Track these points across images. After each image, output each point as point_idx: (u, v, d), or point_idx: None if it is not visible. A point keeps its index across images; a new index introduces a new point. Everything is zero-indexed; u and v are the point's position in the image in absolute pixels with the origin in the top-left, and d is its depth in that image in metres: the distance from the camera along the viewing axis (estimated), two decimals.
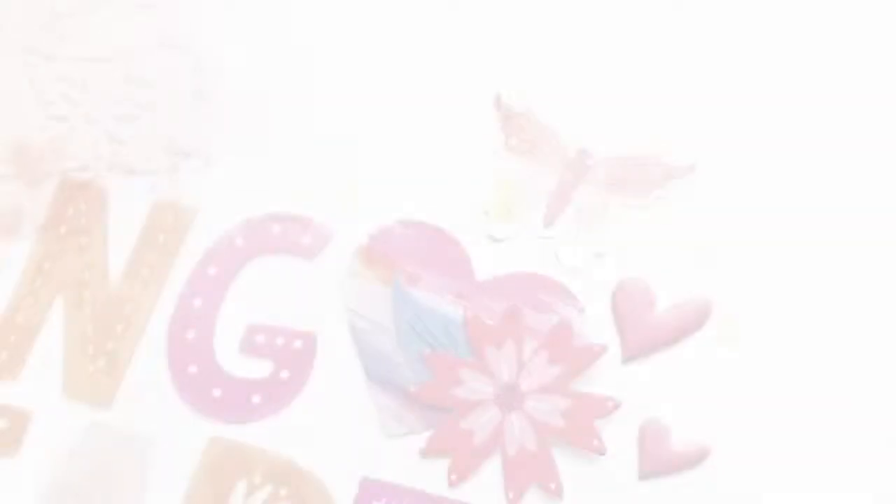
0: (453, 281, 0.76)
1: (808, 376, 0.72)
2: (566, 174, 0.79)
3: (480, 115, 0.81)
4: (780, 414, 0.73)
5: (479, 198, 0.79)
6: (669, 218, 0.77)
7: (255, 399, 0.74)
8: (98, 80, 0.87)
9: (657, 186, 0.78)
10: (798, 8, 0.84)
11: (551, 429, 0.73)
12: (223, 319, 0.77)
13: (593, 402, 0.71)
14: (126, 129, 0.85)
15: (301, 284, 0.78)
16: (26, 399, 0.78)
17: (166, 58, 0.86)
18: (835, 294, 0.75)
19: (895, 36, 0.82)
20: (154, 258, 0.81)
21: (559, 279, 0.77)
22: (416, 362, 0.73)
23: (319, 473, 0.74)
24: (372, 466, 0.74)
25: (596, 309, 0.75)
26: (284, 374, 0.75)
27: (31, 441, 0.77)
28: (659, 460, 0.73)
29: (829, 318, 0.74)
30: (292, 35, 0.88)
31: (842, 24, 0.84)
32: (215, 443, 0.75)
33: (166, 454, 0.75)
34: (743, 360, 0.74)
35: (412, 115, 0.81)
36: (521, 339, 0.72)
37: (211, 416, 0.76)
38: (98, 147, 0.83)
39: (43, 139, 0.85)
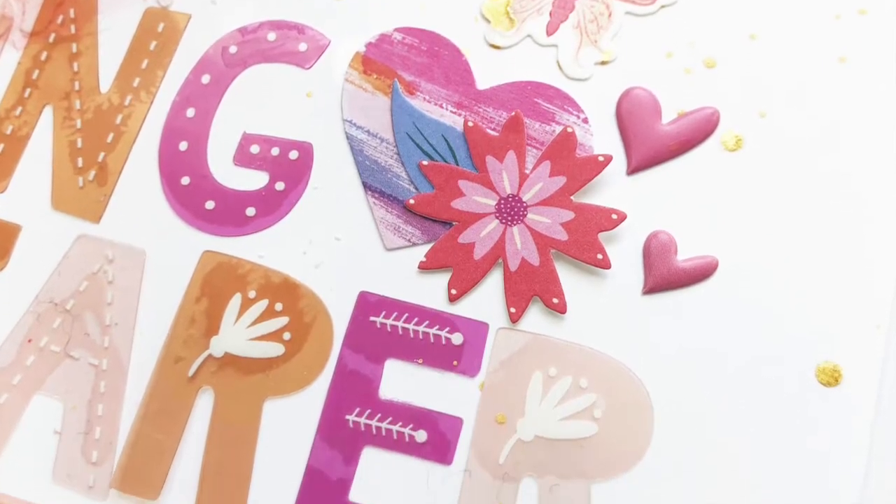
0: (453, 90, 0.61)
1: (815, 186, 0.58)
2: None
3: None
4: (785, 227, 0.57)
5: (480, 4, 0.63)
6: (675, 26, 0.62)
7: (250, 211, 0.59)
8: None
9: None
10: None
11: (554, 242, 0.57)
12: (217, 129, 0.61)
13: (597, 214, 0.57)
14: None
15: (297, 93, 0.62)
16: (14, 212, 0.61)
17: None
18: (842, 105, 0.59)
19: None
20: (145, 66, 0.63)
21: (562, 88, 0.61)
22: (415, 174, 0.59)
23: (316, 287, 0.58)
24: (370, 280, 0.58)
25: (600, 119, 0.61)
26: (280, 186, 0.60)
27: (19, 254, 0.60)
28: (664, 275, 0.57)
29: (835, 128, 0.59)
30: None
31: None
32: (209, 256, 0.59)
33: (158, 268, 0.59)
34: (750, 172, 0.59)
35: None
36: (522, 150, 0.58)
37: (204, 229, 0.60)
38: None
39: None
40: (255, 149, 0.60)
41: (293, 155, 0.60)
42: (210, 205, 0.59)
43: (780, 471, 0.52)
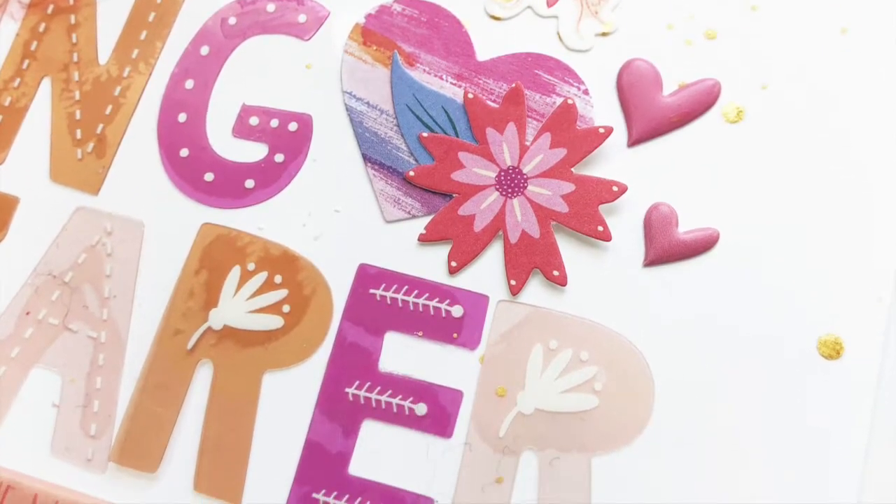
0: (453, 61, 0.58)
1: (817, 158, 0.55)
2: None
3: None
4: (787, 199, 0.54)
5: None
6: None
7: (249, 183, 0.56)
8: None
9: None
10: None
11: (554, 214, 0.54)
12: (216, 101, 0.57)
13: (598, 186, 0.54)
14: None
15: (296, 65, 0.59)
16: (13, 184, 0.57)
17: None
18: (843, 76, 0.56)
19: None
20: (144, 38, 0.60)
21: (562, 60, 0.58)
22: (415, 146, 0.56)
23: (315, 260, 0.55)
24: (369, 252, 0.55)
25: (600, 91, 0.57)
26: (279, 158, 0.56)
27: (17, 226, 0.57)
28: (665, 247, 0.54)
29: (837, 99, 0.56)
30: None
31: None
32: (208, 228, 0.56)
33: (157, 240, 0.56)
34: (751, 144, 0.56)
35: None
36: (523, 122, 0.55)
37: (203, 201, 0.56)
38: None
39: None
40: (254, 120, 0.57)
41: (292, 127, 0.57)
42: (209, 177, 0.56)
43: (781, 444, 0.50)
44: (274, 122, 0.57)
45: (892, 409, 0.50)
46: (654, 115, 0.56)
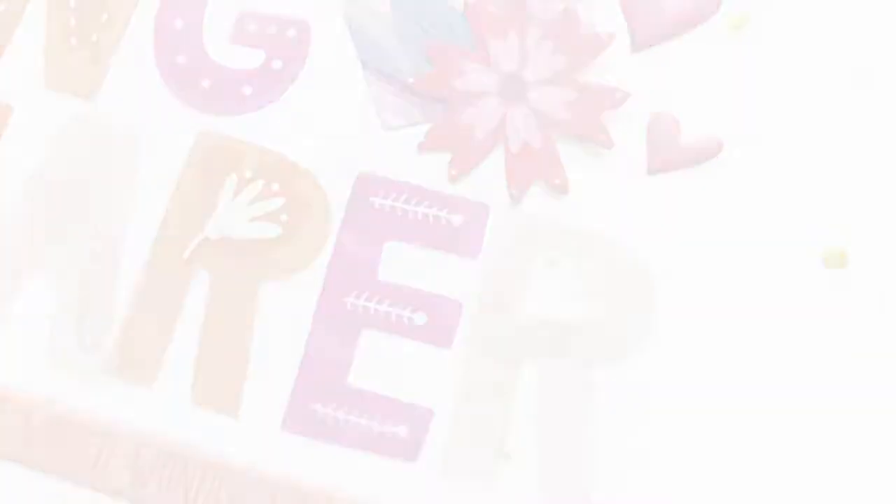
0: None
1: (823, 64, 0.46)
2: None
3: None
4: (791, 107, 0.45)
5: None
6: None
7: (246, 90, 0.47)
8: None
9: None
10: None
11: (556, 122, 0.45)
12: (213, 7, 0.48)
13: (600, 93, 0.46)
14: None
15: None
16: (6, 91, 0.48)
17: None
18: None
19: None
20: None
21: None
22: (415, 52, 0.47)
23: (313, 168, 0.45)
24: (369, 161, 0.46)
25: None
26: (277, 64, 0.47)
27: (11, 134, 0.47)
28: (668, 155, 0.45)
29: (843, 3, 0.47)
30: None
31: None
32: (204, 136, 0.46)
33: (153, 148, 0.46)
34: (754, 51, 0.47)
35: None
36: (524, 28, 0.46)
37: (200, 109, 0.47)
38: None
39: None
40: (251, 27, 0.48)
41: (290, 33, 0.48)
42: (205, 84, 0.47)
43: (784, 356, 0.41)
44: (272, 29, 0.48)
45: None
46: (657, 21, 0.48)
